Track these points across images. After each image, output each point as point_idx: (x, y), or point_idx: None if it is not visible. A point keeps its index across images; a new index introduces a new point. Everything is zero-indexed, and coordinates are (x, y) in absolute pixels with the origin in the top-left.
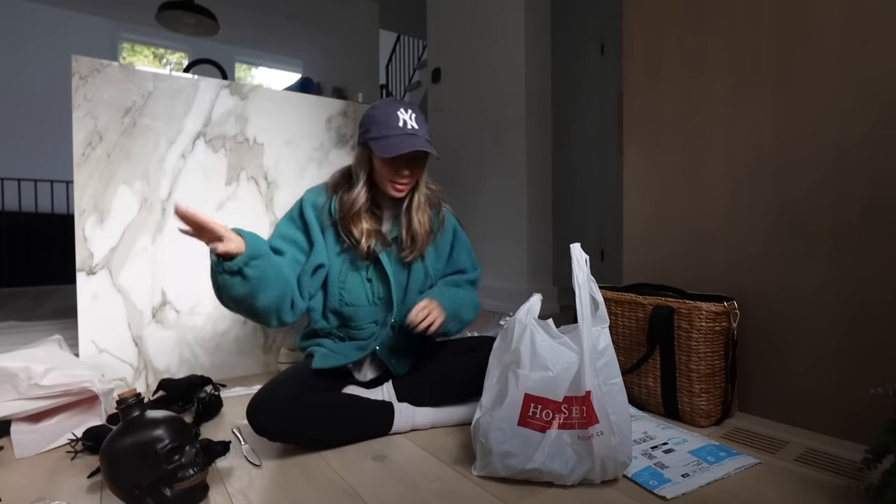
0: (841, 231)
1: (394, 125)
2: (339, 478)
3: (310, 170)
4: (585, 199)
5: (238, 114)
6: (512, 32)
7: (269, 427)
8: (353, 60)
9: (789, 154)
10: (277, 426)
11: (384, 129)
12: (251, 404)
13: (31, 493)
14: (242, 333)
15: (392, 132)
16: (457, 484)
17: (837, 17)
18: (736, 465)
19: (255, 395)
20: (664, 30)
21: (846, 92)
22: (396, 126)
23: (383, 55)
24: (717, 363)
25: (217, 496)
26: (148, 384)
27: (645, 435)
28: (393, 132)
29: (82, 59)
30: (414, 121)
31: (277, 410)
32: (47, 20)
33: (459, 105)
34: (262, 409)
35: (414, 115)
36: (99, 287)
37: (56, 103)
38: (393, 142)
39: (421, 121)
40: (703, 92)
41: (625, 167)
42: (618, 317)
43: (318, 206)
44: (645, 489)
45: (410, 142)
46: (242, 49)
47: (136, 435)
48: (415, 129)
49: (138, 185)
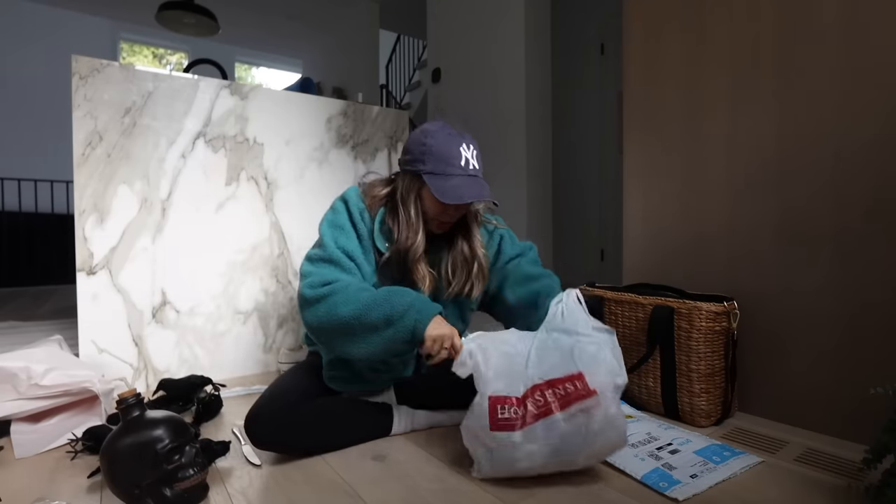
0: (843, 232)
1: (455, 164)
2: (338, 478)
3: (310, 170)
4: (585, 199)
5: (238, 114)
6: (512, 32)
7: (269, 438)
8: (353, 60)
9: (790, 153)
10: (276, 436)
11: (444, 167)
12: (249, 417)
13: (31, 493)
14: (242, 333)
15: (453, 171)
16: (457, 484)
17: (839, 18)
18: (741, 464)
19: (253, 408)
20: (664, 30)
21: (848, 92)
22: (459, 165)
23: (383, 55)
24: (717, 363)
25: (217, 496)
26: (148, 384)
27: (648, 436)
28: (455, 171)
29: (82, 59)
30: (475, 159)
31: (275, 420)
32: (47, 20)
33: (459, 105)
34: (260, 421)
35: (476, 153)
36: (99, 287)
37: (56, 103)
38: (456, 184)
39: (480, 157)
40: (703, 92)
41: (625, 167)
42: (618, 317)
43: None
44: (655, 491)
45: (475, 189)
46: (242, 49)
47: (136, 435)
48: (476, 169)
49: (138, 185)
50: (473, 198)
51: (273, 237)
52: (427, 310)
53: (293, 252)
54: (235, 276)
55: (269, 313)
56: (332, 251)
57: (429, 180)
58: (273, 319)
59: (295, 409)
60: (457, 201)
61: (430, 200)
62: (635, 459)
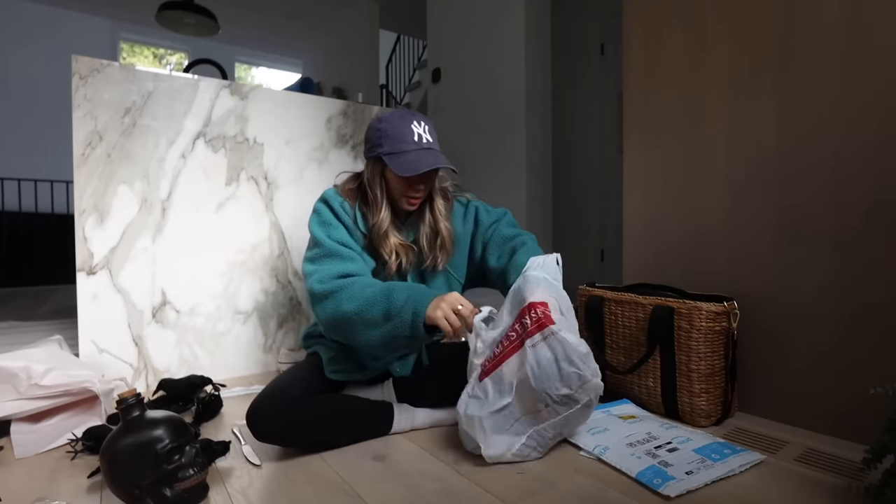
0: (842, 234)
1: (409, 140)
2: (338, 478)
3: (310, 170)
4: (585, 200)
5: (238, 114)
6: (512, 32)
7: (271, 433)
8: (353, 60)
9: (790, 153)
10: (278, 432)
11: (399, 145)
12: (250, 412)
13: (31, 493)
14: (242, 333)
15: (408, 147)
16: (457, 484)
17: (839, 19)
18: (740, 461)
19: (254, 402)
20: (664, 30)
21: (848, 91)
22: (412, 141)
23: (383, 55)
24: (717, 363)
25: (217, 496)
26: (148, 384)
27: (649, 435)
28: (409, 147)
29: (82, 59)
30: (428, 133)
31: (277, 415)
32: (47, 20)
33: (459, 105)
34: (261, 416)
35: (427, 127)
36: (99, 287)
37: (56, 103)
38: (411, 158)
39: (433, 131)
40: (703, 92)
41: (625, 167)
42: (618, 317)
43: (348, 212)
44: (648, 489)
45: (430, 159)
46: (242, 49)
47: (136, 435)
48: (430, 142)
49: (138, 185)
50: (429, 166)
51: (273, 237)
52: (422, 299)
53: (293, 252)
54: (235, 276)
55: (269, 313)
56: (330, 245)
57: (388, 160)
58: (273, 319)
59: (298, 403)
60: (413, 172)
61: (393, 178)
62: (632, 458)
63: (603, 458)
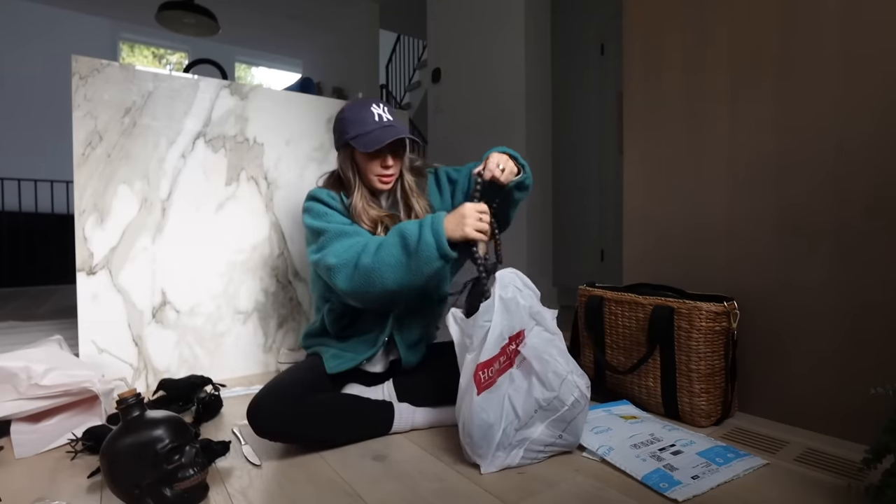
0: (842, 232)
1: (370, 121)
2: (338, 477)
3: (310, 170)
4: (585, 200)
5: (238, 114)
6: (512, 32)
7: (271, 429)
8: (353, 60)
9: (790, 153)
10: (278, 428)
11: (361, 127)
12: (251, 407)
13: (31, 493)
14: (242, 333)
15: (370, 127)
16: (457, 484)
17: (838, 16)
18: (744, 466)
19: (255, 398)
20: (664, 30)
21: (848, 91)
22: (373, 122)
23: (383, 55)
24: (717, 363)
25: (217, 496)
26: (148, 384)
27: (651, 437)
28: (371, 127)
29: (82, 59)
30: (388, 113)
31: (278, 413)
32: (46, 20)
33: (459, 105)
34: (262, 412)
35: (387, 108)
36: (99, 287)
37: (56, 103)
38: (374, 136)
39: (393, 112)
40: (703, 92)
41: (625, 167)
42: (618, 317)
43: (334, 198)
44: (655, 492)
45: (391, 132)
46: (242, 49)
47: (136, 435)
48: (390, 120)
49: (138, 185)
50: (392, 137)
51: (273, 237)
52: (435, 219)
53: (293, 252)
54: (235, 276)
55: (269, 313)
56: (333, 227)
57: (354, 143)
58: (273, 319)
59: (300, 401)
60: (378, 145)
61: (363, 160)
62: (636, 460)
63: (607, 458)
